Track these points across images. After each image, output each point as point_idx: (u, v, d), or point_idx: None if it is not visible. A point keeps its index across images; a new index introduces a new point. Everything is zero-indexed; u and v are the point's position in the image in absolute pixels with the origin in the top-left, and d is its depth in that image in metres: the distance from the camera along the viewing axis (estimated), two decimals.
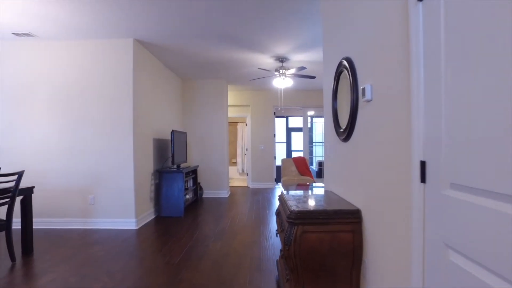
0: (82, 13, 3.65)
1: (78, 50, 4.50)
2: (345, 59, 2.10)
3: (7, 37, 4.41)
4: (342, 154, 2.33)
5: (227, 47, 4.87)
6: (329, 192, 2.62)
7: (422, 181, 1.15)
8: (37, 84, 4.54)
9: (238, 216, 5.24)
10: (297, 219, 1.90)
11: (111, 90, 4.47)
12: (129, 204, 4.45)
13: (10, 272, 2.94)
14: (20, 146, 4.54)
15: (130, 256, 3.33)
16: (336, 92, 2.42)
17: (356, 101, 1.95)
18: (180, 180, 5.34)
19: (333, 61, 2.54)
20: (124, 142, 4.44)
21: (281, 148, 12.16)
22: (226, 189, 7.39)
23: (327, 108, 2.81)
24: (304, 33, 4.27)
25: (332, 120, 2.51)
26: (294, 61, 5.60)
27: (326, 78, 2.82)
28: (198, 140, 7.36)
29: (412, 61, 1.21)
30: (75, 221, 4.51)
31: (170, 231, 4.32)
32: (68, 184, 4.51)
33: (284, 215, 2.11)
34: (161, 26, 4.02)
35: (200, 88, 7.34)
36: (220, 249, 3.51)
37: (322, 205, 2.05)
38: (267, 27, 4.05)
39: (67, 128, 4.51)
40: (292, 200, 2.26)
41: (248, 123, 9.05)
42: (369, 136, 1.77)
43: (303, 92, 8.83)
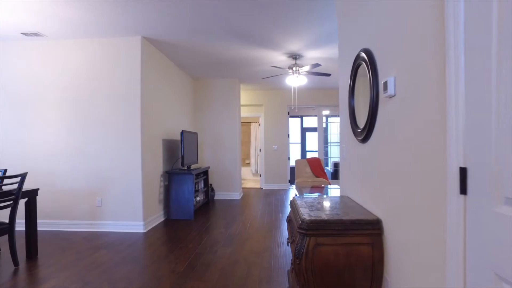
0: (89, 11, 3.54)
1: (85, 50, 4.41)
2: (363, 51, 1.88)
3: (16, 37, 4.36)
4: (360, 156, 2.10)
5: (239, 44, 4.69)
6: (346, 198, 2.39)
7: (462, 193, 0.93)
8: (45, 85, 4.47)
9: (250, 219, 5.05)
10: (310, 230, 1.69)
11: (118, 90, 4.36)
12: (136, 207, 4.33)
13: (11, 278, 2.84)
14: (29, 148, 4.49)
15: (134, 262, 3.18)
16: (353, 89, 2.20)
17: (376, 97, 1.73)
18: (190, 182, 5.19)
19: (349, 54, 2.31)
20: (132, 143, 4.32)
21: (295, 149, 11.92)
22: (238, 190, 7.22)
23: (343, 107, 2.58)
24: (318, 28, 4.05)
25: (349, 119, 2.29)
26: (308, 58, 5.37)
27: (342, 74, 2.60)
28: (210, 141, 7.21)
29: (448, 47, 0.99)
30: (83, 223, 4.42)
31: (178, 235, 4.17)
32: (76, 186, 4.43)
33: (295, 224, 1.90)
34: (169, 23, 3.88)
35: (212, 87, 7.19)
36: (229, 257, 3.32)
37: (338, 213, 1.83)
38: (279, 21, 3.84)
39: (75, 129, 4.43)
40: (304, 207, 2.05)
41: (262, 123, 8.86)
42: (391, 137, 1.54)
43: (318, 91, 8.57)
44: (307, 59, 5.39)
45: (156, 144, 4.91)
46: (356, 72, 2.07)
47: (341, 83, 2.64)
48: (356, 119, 2.14)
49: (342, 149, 2.66)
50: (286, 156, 8.75)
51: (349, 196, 2.42)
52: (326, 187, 6.43)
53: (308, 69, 5.08)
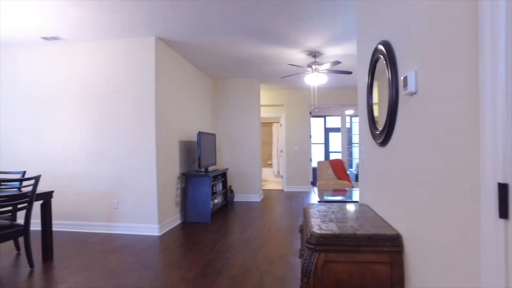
0: (104, 13, 3.52)
1: (100, 52, 4.42)
2: (382, 43, 1.67)
3: (36, 41, 4.44)
4: (379, 161, 1.89)
5: (256, 43, 4.54)
6: (364, 207, 2.18)
7: (502, 216, 0.73)
8: (62, 88, 4.52)
9: (267, 223, 4.88)
10: (319, 245, 1.51)
11: (133, 91, 4.32)
12: (151, 210, 4.28)
13: (25, 279, 2.84)
14: (48, 150, 4.56)
15: (145, 267, 3.11)
16: (371, 86, 1.99)
17: (395, 95, 1.52)
18: (207, 184, 5.10)
19: (367, 48, 2.10)
20: (147, 145, 4.28)
21: (318, 149, 11.63)
22: (258, 193, 7.07)
23: (361, 107, 2.37)
24: (339, 23, 3.82)
25: (367, 120, 2.08)
26: (328, 56, 5.13)
27: (360, 70, 2.39)
28: (230, 142, 7.11)
29: (483, 36, 0.79)
30: (100, 225, 4.43)
31: (192, 239, 4.08)
32: (93, 187, 4.44)
33: (305, 236, 1.72)
34: (185, 23, 3.79)
35: (231, 88, 7.09)
36: (242, 264, 3.18)
37: (353, 226, 1.64)
38: (297, 18, 3.65)
39: (90, 131, 4.44)
40: (317, 217, 1.87)
41: (283, 124, 8.66)
42: (412, 141, 1.34)
43: (339, 90, 8.27)
44: (327, 56, 5.16)
45: (173, 145, 4.86)
46: (375, 67, 1.86)
47: (359, 80, 2.43)
48: (375, 120, 1.93)
49: (361, 152, 2.45)
50: (308, 157, 8.51)
51: (368, 205, 2.21)
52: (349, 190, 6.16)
53: (328, 67, 4.85)
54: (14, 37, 4.24)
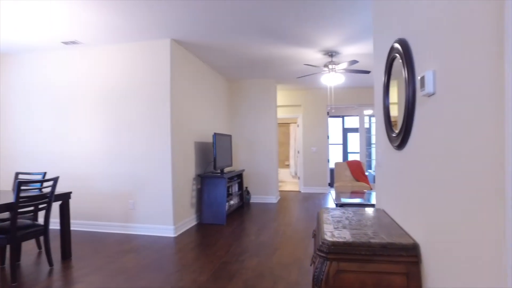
0: (120, 17, 3.57)
1: (117, 54, 4.48)
2: (398, 41, 1.59)
3: (57, 46, 4.56)
4: (396, 166, 1.81)
5: (271, 43, 4.48)
6: (380, 212, 2.09)
7: None
8: (82, 91, 4.62)
9: (283, 226, 4.82)
10: (331, 253, 1.44)
11: (149, 93, 4.36)
12: (167, 211, 4.30)
13: (45, 278, 2.91)
14: (67, 151, 4.67)
15: (159, 269, 3.11)
16: (387, 86, 1.90)
17: (412, 96, 1.43)
18: (222, 186, 5.08)
19: (383, 47, 2.02)
20: (162, 146, 4.30)
21: (336, 150, 11.44)
22: (275, 194, 7.01)
23: (377, 108, 2.28)
24: (356, 21, 3.72)
25: (384, 122, 1.99)
26: (345, 55, 5.02)
27: (377, 69, 2.30)
28: (246, 143, 7.08)
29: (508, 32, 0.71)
30: (117, 225, 4.49)
31: (207, 241, 4.07)
32: (111, 188, 4.51)
33: (317, 243, 1.66)
34: (199, 23, 3.78)
35: (247, 88, 7.06)
36: (255, 268, 3.13)
37: (367, 233, 1.56)
38: (313, 17, 3.58)
39: (108, 133, 4.51)
40: (330, 222, 1.80)
41: (300, 124, 8.57)
42: (430, 145, 1.25)
43: (357, 90, 8.10)
44: (344, 56, 5.04)
45: (188, 147, 4.87)
46: (391, 66, 1.78)
47: (375, 80, 2.34)
48: (391, 122, 1.84)
49: (378, 154, 2.35)
50: (326, 158, 8.38)
51: (385, 210, 2.11)
52: (367, 192, 6.00)
53: (345, 66, 4.74)
54: (36, 42, 4.37)
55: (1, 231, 2.89)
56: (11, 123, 4.91)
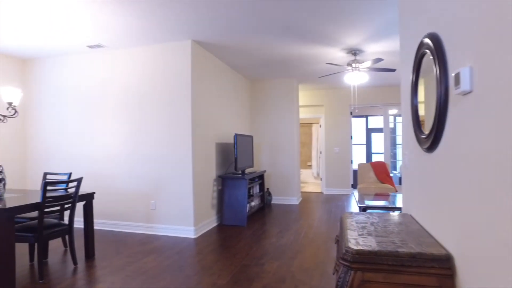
0: (143, 20, 3.62)
1: (138, 56, 4.54)
2: (428, 36, 1.48)
3: (82, 50, 4.67)
4: (425, 169, 1.69)
5: (294, 42, 4.40)
6: (408, 217, 1.98)
7: None
8: (105, 92, 4.72)
9: (305, 228, 4.72)
10: (355, 263, 1.36)
11: (170, 94, 4.39)
12: (187, 212, 4.31)
13: (69, 276, 2.97)
14: (92, 151, 4.78)
15: (178, 271, 3.11)
16: (416, 85, 1.79)
17: (444, 94, 1.33)
18: (243, 187, 5.05)
19: (411, 42, 1.90)
20: (183, 147, 4.32)
21: (360, 151, 11.18)
22: (296, 195, 6.91)
23: (404, 107, 2.16)
24: (381, 17, 3.58)
25: (412, 122, 1.87)
26: (369, 53, 4.86)
27: (403, 67, 2.18)
28: (267, 144, 7.02)
29: None
30: (139, 225, 4.55)
31: (227, 243, 4.04)
32: (133, 188, 4.57)
33: (340, 250, 1.58)
34: (221, 25, 3.76)
35: (268, 89, 7.00)
36: (275, 272, 3.06)
37: (394, 241, 1.46)
38: (336, 14, 3.47)
39: (130, 133, 4.58)
40: (354, 228, 1.71)
41: (322, 124, 8.42)
42: (466, 146, 1.15)
43: (382, 89, 7.86)
44: (368, 54, 4.88)
45: (209, 147, 4.87)
46: (420, 63, 1.67)
47: (402, 78, 2.22)
48: (420, 123, 1.73)
49: (405, 156, 2.23)
50: (349, 159, 8.19)
51: (412, 215, 1.99)
52: (392, 195, 5.79)
53: (369, 64, 4.59)
54: (63, 47, 4.50)
55: (29, 230, 2.98)
56: (40, 125, 5.09)
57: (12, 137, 4.99)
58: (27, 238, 2.95)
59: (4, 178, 3.32)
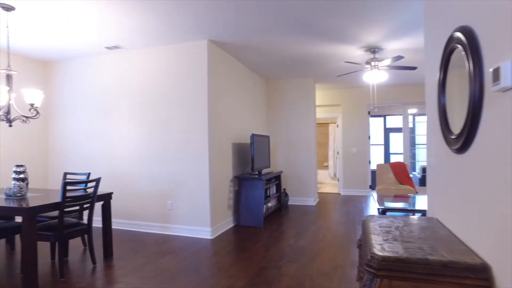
0: (160, 21, 3.62)
1: (155, 57, 4.56)
2: (460, 30, 1.40)
3: (100, 51, 4.73)
4: (455, 170, 1.60)
5: (311, 41, 4.32)
6: (434, 221, 1.88)
7: None
8: (122, 92, 4.76)
9: (323, 230, 4.63)
10: (381, 270, 1.29)
11: (186, 95, 4.39)
12: (204, 212, 4.29)
13: (88, 275, 2.99)
14: (110, 151, 4.83)
15: (194, 272, 3.08)
16: (443, 82, 1.70)
17: (479, 91, 1.24)
18: (260, 188, 5.00)
19: (438, 38, 1.81)
20: (199, 147, 4.30)
21: (377, 151, 10.95)
22: (313, 196, 6.81)
23: (430, 107, 2.06)
24: (402, 14, 3.46)
25: (439, 122, 1.78)
26: (388, 51, 4.72)
27: (429, 64, 2.08)
28: (284, 144, 6.95)
29: None
30: (156, 225, 4.56)
31: (244, 244, 4.00)
32: (150, 189, 4.60)
33: (364, 257, 1.51)
34: (237, 24, 3.72)
35: (285, 89, 6.93)
36: (294, 275, 3.00)
37: (422, 247, 1.38)
38: (355, 11, 3.38)
39: (147, 134, 4.60)
40: (378, 233, 1.64)
41: (339, 124, 8.29)
42: (505, 148, 1.06)
43: (401, 88, 7.67)
44: (388, 51, 4.75)
45: (226, 148, 4.84)
46: (448, 60, 1.58)
47: (427, 76, 2.12)
48: (448, 122, 1.64)
49: (430, 158, 2.13)
50: (367, 160, 8.02)
51: (439, 219, 1.90)
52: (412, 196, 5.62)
53: (389, 62, 4.46)
54: (82, 49, 4.57)
55: (50, 229, 3.02)
56: (61, 126, 5.19)
57: (35, 137, 5.11)
58: (48, 237, 3.00)
59: (27, 178, 3.39)
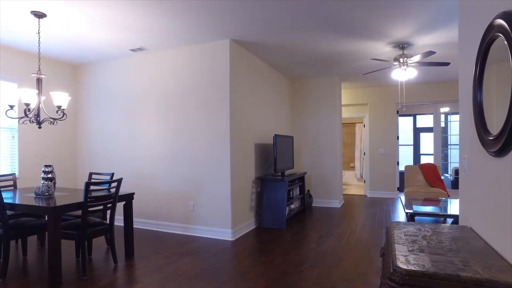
0: (183, 22, 3.64)
1: (178, 58, 4.58)
2: (502, 16, 1.24)
3: (126, 54, 4.81)
4: (493, 175, 1.44)
5: (335, 37, 4.17)
6: (467, 230, 1.72)
7: None
8: (145, 93, 4.82)
9: (347, 234, 4.47)
10: (405, 285, 1.16)
11: (208, 94, 4.37)
12: (225, 214, 4.25)
13: (110, 275, 3.03)
14: (133, 152, 4.91)
15: (214, 275, 3.04)
16: (480, 78, 1.54)
17: None
18: (283, 189, 4.90)
19: (475, 29, 1.64)
20: (221, 148, 4.27)
21: (407, 152, 10.54)
22: (338, 198, 6.63)
23: (464, 104, 1.89)
24: (433, 6, 3.25)
25: (474, 121, 1.62)
26: (418, 46, 4.48)
27: (463, 58, 1.91)
28: (308, 144, 6.81)
29: None
30: (178, 226, 4.58)
31: (265, 247, 3.92)
32: (172, 189, 4.62)
33: (386, 269, 1.38)
34: (258, 21, 3.65)
35: (310, 88, 6.79)
36: (315, 281, 2.88)
37: (453, 262, 1.24)
38: (382, 6, 3.21)
39: (170, 134, 4.63)
40: (403, 242, 1.51)
41: (366, 124, 8.02)
42: None
43: (432, 85, 7.30)
44: (418, 47, 4.50)
45: (248, 149, 4.78)
46: (487, 52, 1.42)
47: (461, 71, 1.95)
48: (485, 122, 1.48)
49: (463, 160, 1.96)
50: (395, 161, 7.71)
51: (473, 229, 1.73)
52: (443, 200, 5.30)
53: (419, 58, 4.23)
54: (108, 51, 4.67)
55: (74, 228, 3.09)
56: (88, 127, 5.34)
57: (64, 138, 5.29)
58: (72, 236, 3.06)
59: (54, 177, 3.48)
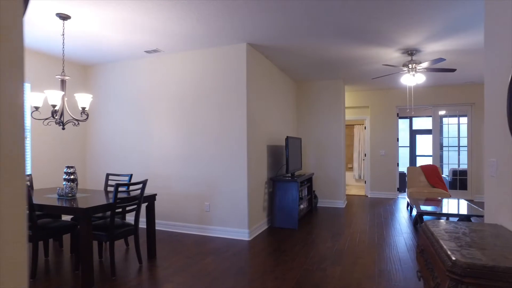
0: (199, 24, 3.69)
1: (193, 60, 4.65)
2: None
3: (141, 55, 4.87)
4: None
5: (347, 43, 4.32)
6: (501, 228, 1.86)
7: None
8: (161, 95, 4.88)
9: (358, 233, 4.61)
10: (467, 277, 1.29)
11: (224, 97, 4.46)
12: (242, 214, 4.35)
13: (136, 275, 3.09)
14: (148, 153, 4.97)
15: (240, 274, 3.14)
16: None
17: None
18: (294, 190, 5.03)
19: (507, 29, 1.79)
20: (238, 150, 4.37)
21: (403, 153, 10.79)
22: (342, 198, 6.79)
23: (491, 108, 2.04)
24: (445, 15, 3.42)
25: (508, 123, 1.76)
26: (427, 53, 4.66)
27: (490, 63, 2.06)
28: (313, 146, 6.96)
29: None
30: (194, 226, 4.66)
31: (282, 246, 4.03)
32: (188, 190, 4.69)
33: (441, 262, 1.51)
34: (275, 26, 3.77)
35: (315, 90, 6.94)
36: (339, 278, 3.01)
37: (505, 256, 1.38)
38: (394, 14, 3.37)
39: (185, 135, 4.70)
40: (447, 238, 1.64)
41: (367, 126, 8.21)
42: None
43: (433, 89, 7.54)
44: (426, 54, 4.68)
45: (261, 150, 4.89)
46: None
47: (487, 75, 2.10)
48: None
49: (492, 164, 2.11)
50: (395, 162, 7.92)
51: (504, 226, 1.88)
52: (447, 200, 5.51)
53: (428, 65, 4.41)
54: (123, 53, 4.72)
55: (102, 229, 3.14)
56: (100, 128, 5.37)
57: (75, 139, 5.31)
58: (100, 237, 3.12)
59: (76, 179, 3.53)
